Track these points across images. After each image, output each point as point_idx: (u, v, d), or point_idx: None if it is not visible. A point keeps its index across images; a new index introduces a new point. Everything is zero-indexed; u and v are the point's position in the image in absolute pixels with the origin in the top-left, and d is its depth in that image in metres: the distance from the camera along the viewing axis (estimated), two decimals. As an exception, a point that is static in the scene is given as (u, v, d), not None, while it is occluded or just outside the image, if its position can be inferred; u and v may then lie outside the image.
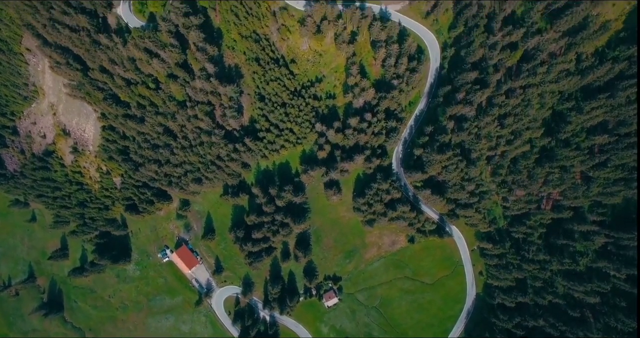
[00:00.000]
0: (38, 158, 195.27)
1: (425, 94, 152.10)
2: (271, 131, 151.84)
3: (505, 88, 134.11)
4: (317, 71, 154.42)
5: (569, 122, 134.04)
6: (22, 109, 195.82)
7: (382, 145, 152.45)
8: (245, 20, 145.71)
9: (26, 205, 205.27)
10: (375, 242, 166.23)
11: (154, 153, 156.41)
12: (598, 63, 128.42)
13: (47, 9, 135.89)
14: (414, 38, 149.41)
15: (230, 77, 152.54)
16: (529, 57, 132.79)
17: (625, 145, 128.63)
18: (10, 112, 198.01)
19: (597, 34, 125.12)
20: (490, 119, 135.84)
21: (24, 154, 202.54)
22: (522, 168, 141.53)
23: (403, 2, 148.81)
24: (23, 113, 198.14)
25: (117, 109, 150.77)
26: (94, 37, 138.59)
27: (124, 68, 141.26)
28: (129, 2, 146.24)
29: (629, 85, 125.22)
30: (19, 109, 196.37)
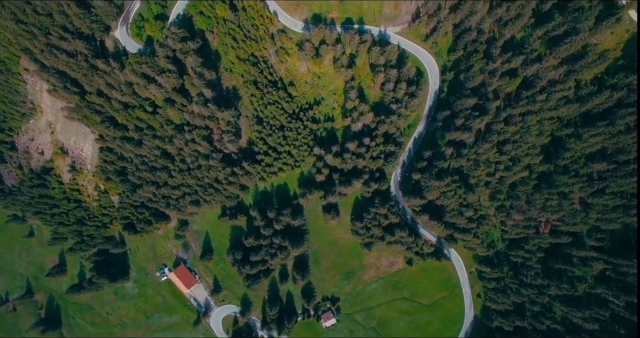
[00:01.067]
0: (36, 175, 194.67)
1: (424, 117, 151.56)
2: (269, 154, 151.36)
3: (504, 115, 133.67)
4: (316, 93, 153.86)
5: (568, 148, 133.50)
6: (20, 124, 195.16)
7: (381, 168, 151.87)
8: (243, 43, 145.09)
9: (24, 220, 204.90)
10: (373, 263, 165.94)
11: (151, 175, 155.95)
12: (597, 90, 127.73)
13: (45, 35, 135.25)
14: (413, 60, 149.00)
15: (228, 100, 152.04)
16: (528, 84, 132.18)
17: (624, 173, 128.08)
18: (9, 128, 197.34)
19: (595, 63, 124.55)
20: (489, 145, 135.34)
21: (22, 170, 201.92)
22: (520, 193, 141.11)
23: (402, 24, 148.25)
24: (21, 129, 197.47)
25: (114, 131, 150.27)
26: (92, 61, 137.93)
27: (121, 92, 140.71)
28: (126, 25, 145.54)
29: (628, 113, 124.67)
30: (17, 125, 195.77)
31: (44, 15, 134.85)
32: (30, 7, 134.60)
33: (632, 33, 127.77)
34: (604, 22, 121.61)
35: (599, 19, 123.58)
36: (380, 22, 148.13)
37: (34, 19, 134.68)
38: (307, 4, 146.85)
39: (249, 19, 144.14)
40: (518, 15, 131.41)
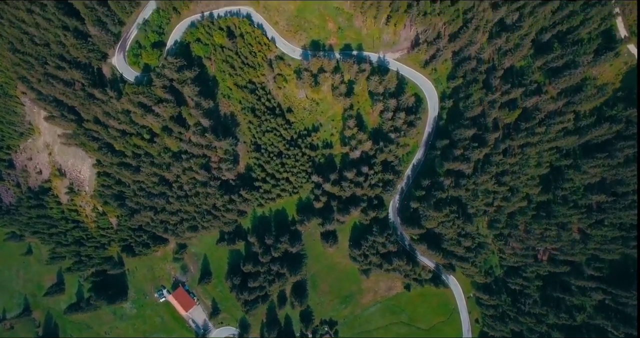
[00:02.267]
0: (34, 194, 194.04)
1: (423, 143, 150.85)
2: (267, 181, 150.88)
3: (503, 147, 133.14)
4: (314, 119, 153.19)
5: (567, 179, 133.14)
6: (18, 143, 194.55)
7: (379, 195, 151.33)
8: (241, 70, 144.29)
9: (22, 238, 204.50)
10: (371, 287, 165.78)
11: (149, 201, 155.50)
12: (596, 122, 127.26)
13: (42, 65, 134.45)
14: (412, 87, 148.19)
15: (226, 126, 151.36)
16: (528, 115, 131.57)
17: (623, 205, 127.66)
18: (6, 146, 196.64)
19: (594, 97, 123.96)
20: (487, 176, 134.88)
21: (20, 188, 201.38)
22: (519, 223, 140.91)
23: (401, 51, 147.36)
24: (19, 147, 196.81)
25: (112, 157, 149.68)
26: (89, 90, 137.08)
27: (118, 120, 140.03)
28: (123, 53, 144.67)
29: (627, 145, 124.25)
30: (14, 143, 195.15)
31: (41, 45, 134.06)
32: (28, 37, 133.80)
33: (631, 66, 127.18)
34: (602, 56, 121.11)
35: (598, 53, 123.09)
36: (379, 48, 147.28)
37: (31, 49, 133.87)
38: (306, 31, 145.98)
39: (247, 46, 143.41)
40: (517, 46, 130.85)
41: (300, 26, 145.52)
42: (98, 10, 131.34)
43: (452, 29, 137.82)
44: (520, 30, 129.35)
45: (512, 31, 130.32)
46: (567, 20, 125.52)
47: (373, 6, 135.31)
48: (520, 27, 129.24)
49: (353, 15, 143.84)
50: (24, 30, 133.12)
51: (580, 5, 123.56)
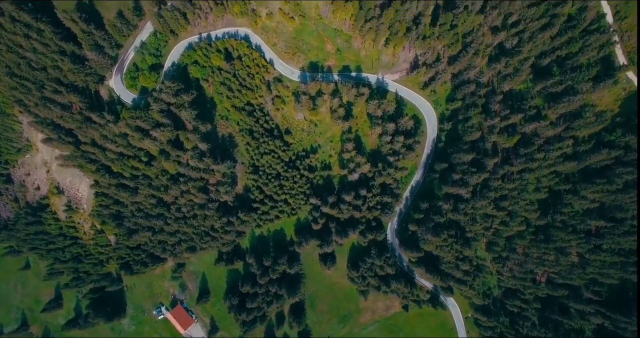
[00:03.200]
0: (32, 209, 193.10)
1: (422, 165, 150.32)
2: (265, 203, 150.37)
3: (502, 172, 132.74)
4: (312, 140, 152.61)
5: (566, 204, 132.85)
6: (15, 158, 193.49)
7: (378, 217, 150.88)
8: (239, 92, 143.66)
9: (20, 253, 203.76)
10: (369, 307, 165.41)
11: (147, 221, 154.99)
12: (595, 147, 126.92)
13: (39, 89, 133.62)
14: (411, 108, 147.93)
15: (224, 147, 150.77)
16: (527, 141, 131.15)
17: (622, 231, 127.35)
18: (4, 161, 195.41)
19: (593, 125, 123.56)
20: (486, 202, 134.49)
21: (18, 203, 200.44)
22: (517, 246, 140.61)
23: (400, 72, 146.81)
24: (17, 162, 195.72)
25: (109, 179, 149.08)
26: (86, 114, 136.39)
27: (115, 143, 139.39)
28: (120, 75, 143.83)
29: (626, 172, 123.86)
30: (12, 158, 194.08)
31: (38, 70, 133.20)
32: (25, 61, 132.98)
33: (630, 92, 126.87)
34: (601, 83, 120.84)
35: (597, 79, 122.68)
36: (378, 69, 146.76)
37: (28, 73, 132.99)
38: (304, 52, 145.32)
39: (245, 68, 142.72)
40: (517, 70, 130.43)
41: (298, 48, 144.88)
42: (95, 35, 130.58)
43: (451, 51, 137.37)
44: (520, 55, 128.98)
45: (511, 56, 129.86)
46: (567, 46, 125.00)
47: (372, 30, 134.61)
48: (519, 52, 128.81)
49: (352, 36, 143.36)
50: (22, 55, 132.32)
51: (579, 32, 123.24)
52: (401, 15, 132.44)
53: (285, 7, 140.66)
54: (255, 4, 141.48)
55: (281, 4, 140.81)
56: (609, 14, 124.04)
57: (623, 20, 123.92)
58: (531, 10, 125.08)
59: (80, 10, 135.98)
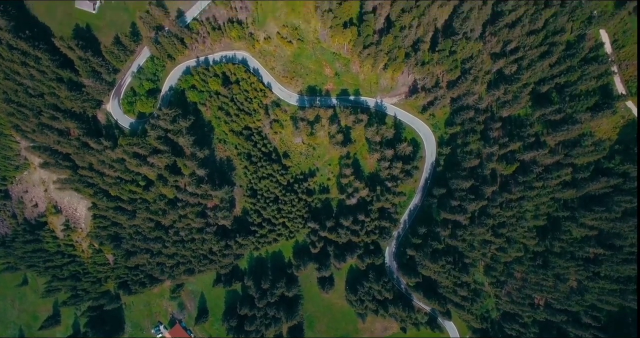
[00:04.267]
0: (30, 227, 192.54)
1: (420, 188, 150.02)
2: (263, 226, 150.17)
3: (500, 200, 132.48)
4: (311, 163, 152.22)
5: (565, 231, 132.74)
6: (13, 174, 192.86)
7: (376, 241, 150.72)
8: (237, 116, 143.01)
9: (17, 269, 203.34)
10: (367, 328, 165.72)
11: (145, 244, 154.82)
12: (594, 175, 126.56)
13: (36, 115, 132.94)
14: (409, 131, 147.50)
15: (222, 171, 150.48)
16: (526, 168, 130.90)
17: (621, 259, 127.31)
18: (2, 177, 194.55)
19: (592, 154, 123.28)
20: (484, 229, 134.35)
21: (16, 219, 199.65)
22: (515, 271, 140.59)
23: (399, 96, 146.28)
24: (15, 178, 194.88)
25: (107, 202, 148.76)
26: (83, 139, 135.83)
27: (113, 168, 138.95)
28: (118, 99, 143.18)
29: (625, 200, 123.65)
30: (10, 175, 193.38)
31: (35, 96, 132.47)
32: (22, 87, 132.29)
33: (628, 119, 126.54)
34: (600, 112, 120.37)
35: (595, 108, 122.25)
36: (376, 93, 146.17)
37: (25, 100, 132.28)
38: (302, 76, 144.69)
39: (242, 93, 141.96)
40: (516, 97, 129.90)
41: (296, 72, 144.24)
42: (92, 61, 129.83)
43: (450, 77, 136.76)
44: (519, 83, 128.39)
45: (510, 83, 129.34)
46: (565, 74, 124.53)
47: (370, 56, 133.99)
48: (518, 79, 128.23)
49: (350, 60, 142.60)
50: (19, 82, 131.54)
51: (577, 61, 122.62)
52: (400, 42, 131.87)
53: (283, 32, 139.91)
54: (253, 28, 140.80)
55: (279, 28, 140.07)
56: (607, 43, 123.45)
57: (621, 48, 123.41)
58: (530, 38, 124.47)
59: (77, 35, 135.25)
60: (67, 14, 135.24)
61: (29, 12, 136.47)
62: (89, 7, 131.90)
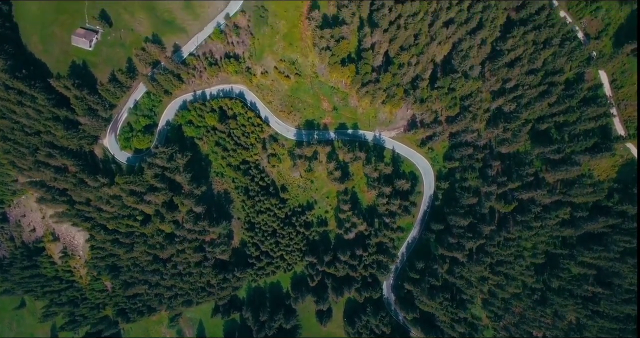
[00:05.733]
0: (27, 251, 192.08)
1: (418, 221, 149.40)
2: (261, 259, 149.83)
3: (498, 239, 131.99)
4: (308, 196, 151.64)
5: (563, 268, 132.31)
6: (11, 198, 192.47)
7: (374, 274, 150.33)
8: (234, 151, 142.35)
9: (15, 293, 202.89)
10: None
11: (143, 276, 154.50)
12: (592, 213, 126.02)
13: (32, 153, 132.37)
14: (408, 164, 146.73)
15: (219, 204, 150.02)
16: (524, 207, 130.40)
17: (620, 299, 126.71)
18: (0, 200, 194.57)
19: (590, 195, 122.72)
20: (482, 267, 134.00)
21: (14, 242, 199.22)
22: (513, 307, 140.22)
23: (397, 129, 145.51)
24: (13, 201, 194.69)
25: (105, 235, 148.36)
26: (80, 176, 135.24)
27: (110, 204, 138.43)
28: (115, 134, 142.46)
29: (623, 240, 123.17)
30: (8, 198, 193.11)
31: (32, 135, 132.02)
32: (19, 126, 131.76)
33: (627, 159, 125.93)
34: (599, 154, 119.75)
35: (594, 149, 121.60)
36: (375, 126, 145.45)
37: (21, 138, 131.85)
38: (300, 111, 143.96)
39: (239, 128, 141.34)
40: (515, 135, 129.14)
41: (294, 106, 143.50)
42: (88, 99, 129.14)
43: (449, 113, 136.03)
44: (518, 121, 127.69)
45: (509, 121, 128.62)
46: (564, 114, 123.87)
47: (369, 93, 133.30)
48: (517, 117, 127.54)
49: (348, 94, 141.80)
50: (15, 120, 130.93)
51: (576, 102, 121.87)
52: (398, 79, 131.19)
53: (281, 66, 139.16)
54: (250, 62, 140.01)
55: (276, 62, 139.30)
56: (606, 84, 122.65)
57: (620, 88, 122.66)
58: (529, 77, 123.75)
59: (74, 72, 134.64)
60: (63, 51, 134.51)
61: (25, 49, 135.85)
62: (85, 44, 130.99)
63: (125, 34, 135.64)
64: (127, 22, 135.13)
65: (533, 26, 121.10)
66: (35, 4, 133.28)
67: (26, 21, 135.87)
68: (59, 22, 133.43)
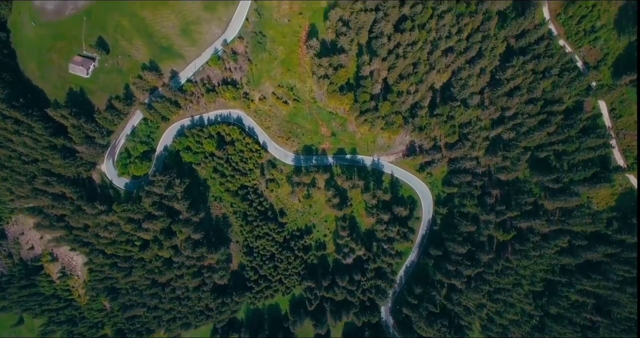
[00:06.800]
0: (25, 270, 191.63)
1: (417, 246, 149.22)
2: (260, 283, 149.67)
3: (496, 268, 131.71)
4: (307, 220, 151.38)
5: (562, 296, 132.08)
6: (10, 215, 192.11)
7: (372, 298, 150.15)
8: (232, 177, 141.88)
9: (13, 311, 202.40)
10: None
11: (142, 299, 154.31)
12: (591, 242, 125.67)
13: (29, 181, 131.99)
14: (406, 189, 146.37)
15: (217, 228, 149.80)
16: (523, 236, 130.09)
17: (619, 328, 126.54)
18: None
19: (589, 225, 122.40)
20: (480, 295, 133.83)
21: (12, 258, 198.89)
22: (512, 334, 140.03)
23: (396, 154, 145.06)
24: (11, 218, 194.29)
25: (103, 259, 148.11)
26: (77, 203, 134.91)
27: (108, 231, 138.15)
28: (112, 159, 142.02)
29: (623, 270, 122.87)
30: (6, 216, 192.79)
31: (29, 163, 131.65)
32: (16, 154, 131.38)
33: (626, 188, 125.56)
34: (598, 185, 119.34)
35: (594, 179, 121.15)
36: (373, 151, 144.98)
37: (18, 167, 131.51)
38: (298, 136, 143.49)
39: (237, 154, 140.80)
40: (514, 164, 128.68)
41: (292, 132, 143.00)
42: (85, 128, 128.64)
43: (448, 140, 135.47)
44: (517, 149, 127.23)
45: (508, 149, 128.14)
46: (564, 144, 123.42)
47: (367, 121, 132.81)
48: (516, 146, 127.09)
49: (347, 119, 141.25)
50: (12, 149, 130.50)
51: (576, 133, 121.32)
52: (397, 107, 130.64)
53: (279, 92, 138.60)
54: (248, 88, 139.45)
55: (274, 88, 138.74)
56: (605, 114, 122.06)
57: (618, 118, 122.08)
58: (528, 106, 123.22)
59: (71, 99, 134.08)
60: (61, 77, 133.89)
61: (23, 75, 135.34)
62: (82, 72, 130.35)
63: (123, 60, 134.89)
64: (124, 49, 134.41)
65: (532, 56, 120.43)
66: (32, 31, 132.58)
67: (24, 48, 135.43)
68: (57, 48, 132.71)
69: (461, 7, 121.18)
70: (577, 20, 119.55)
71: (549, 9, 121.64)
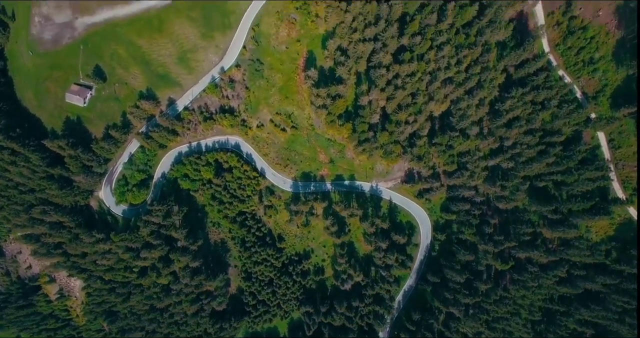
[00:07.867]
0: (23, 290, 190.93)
1: (415, 270, 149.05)
2: (258, 308, 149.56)
3: (494, 297, 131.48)
4: (305, 245, 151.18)
5: (560, 325, 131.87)
6: (7, 234, 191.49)
7: (370, 324, 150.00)
8: (230, 204, 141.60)
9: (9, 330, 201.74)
10: None
11: (140, 324, 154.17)
12: (590, 274, 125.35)
13: (26, 210, 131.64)
14: (404, 215, 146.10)
15: (216, 253, 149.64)
16: (521, 267, 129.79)
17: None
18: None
19: (588, 258, 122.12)
20: (477, 323, 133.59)
21: (10, 276, 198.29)
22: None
23: (394, 180, 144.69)
24: (9, 236, 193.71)
25: (101, 285, 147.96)
26: (75, 231, 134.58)
27: (106, 259, 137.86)
28: (110, 186, 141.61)
29: (622, 301, 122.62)
30: (4, 234, 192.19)
31: (26, 192, 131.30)
32: (12, 184, 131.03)
33: (625, 218, 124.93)
34: (597, 217, 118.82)
35: (593, 211, 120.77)
36: (372, 177, 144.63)
37: (15, 197, 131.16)
38: (296, 163, 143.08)
39: (235, 181, 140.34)
40: (512, 193, 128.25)
41: (290, 159, 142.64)
42: (82, 157, 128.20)
43: (447, 168, 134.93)
44: (516, 179, 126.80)
45: (507, 179, 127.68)
46: (563, 175, 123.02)
47: (366, 151, 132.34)
48: (515, 176, 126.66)
49: (345, 146, 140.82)
50: (9, 178, 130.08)
51: (575, 164, 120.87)
52: (396, 136, 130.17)
53: (276, 119, 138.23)
54: (245, 115, 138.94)
55: (272, 115, 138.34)
56: (604, 146, 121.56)
57: (617, 149, 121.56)
58: (527, 137, 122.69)
59: (68, 127, 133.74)
60: (57, 106, 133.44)
61: (20, 104, 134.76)
62: (79, 101, 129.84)
63: (120, 88, 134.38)
64: (121, 77, 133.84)
65: (532, 87, 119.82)
66: (30, 60, 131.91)
67: (21, 77, 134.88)
68: (53, 78, 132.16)
69: (460, 38, 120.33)
70: (575, 51, 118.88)
71: (548, 40, 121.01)
